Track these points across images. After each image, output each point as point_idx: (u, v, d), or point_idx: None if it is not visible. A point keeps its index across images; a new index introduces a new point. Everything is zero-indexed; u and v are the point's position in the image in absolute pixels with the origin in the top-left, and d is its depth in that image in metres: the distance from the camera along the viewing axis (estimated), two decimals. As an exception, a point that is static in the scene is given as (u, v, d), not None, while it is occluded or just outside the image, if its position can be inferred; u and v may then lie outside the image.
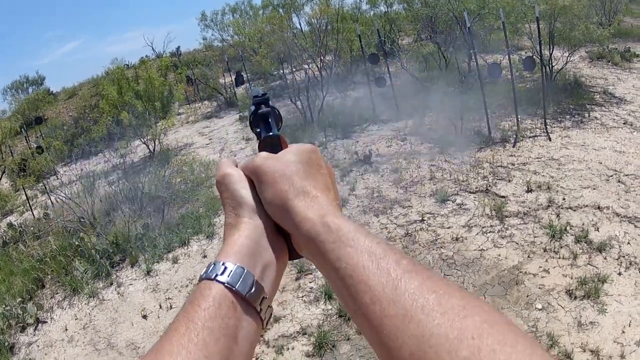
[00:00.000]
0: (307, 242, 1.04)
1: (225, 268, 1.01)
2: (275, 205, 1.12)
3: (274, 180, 1.13)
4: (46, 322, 11.05)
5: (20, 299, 11.94)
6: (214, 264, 1.04)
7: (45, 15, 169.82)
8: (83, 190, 16.93)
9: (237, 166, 1.26)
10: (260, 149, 1.28)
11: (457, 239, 9.93)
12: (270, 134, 1.32)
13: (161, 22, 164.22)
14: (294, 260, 1.17)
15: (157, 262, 12.19)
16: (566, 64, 19.63)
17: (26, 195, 20.58)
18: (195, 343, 0.91)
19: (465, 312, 0.80)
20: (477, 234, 10.04)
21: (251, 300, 1.01)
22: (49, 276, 12.87)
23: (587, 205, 10.50)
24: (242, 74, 29.64)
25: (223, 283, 0.99)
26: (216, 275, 1.00)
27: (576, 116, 16.19)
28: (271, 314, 1.07)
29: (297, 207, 1.08)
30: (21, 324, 11.09)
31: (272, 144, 1.29)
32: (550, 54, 19.21)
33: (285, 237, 1.15)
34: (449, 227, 10.47)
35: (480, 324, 0.78)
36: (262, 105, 1.37)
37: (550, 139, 14.41)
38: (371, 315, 0.87)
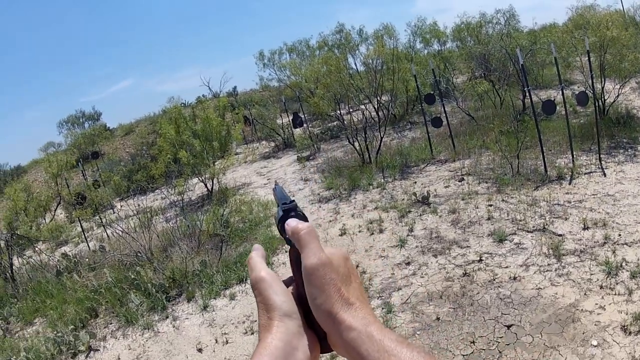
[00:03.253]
0: (350, 349, 1.13)
1: None
2: (322, 310, 1.19)
3: (325, 287, 1.20)
4: (98, 350, 11.39)
5: (72, 327, 12.26)
6: None
7: (98, 52, 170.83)
8: (140, 225, 17.24)
9: (264, 257, 1.38)
10: (291, 255, 1.36)
11: (514, 278, 10.06)
12: None
13: (216, 61, 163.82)
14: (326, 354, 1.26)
15: (214, 298, 12.44)
16: (618, 96, 19.62)
17: (82, 226, 21.19)
18: None
19: None
20: (534, 272, 10.16)
21: None
22: (103, 306, 13.23)
23: (642, 241, 10.57)
24: (300, 114, 29.80)
25: None
26: None
27: (629, 150, 16.24)
28: None
29: (343, 316, 1.16)
30: (72, 351, 11.40)
31: None
32: (602, 87, 19.21)
33: (317, 332, 1.23)
34: (506, 267, 10.60)
35: None
36: (291, 213, 1.40)
37: (605, 175, 14.49)
38: None
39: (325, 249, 1.30)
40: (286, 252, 12.57)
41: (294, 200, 1.44)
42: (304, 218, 1.40)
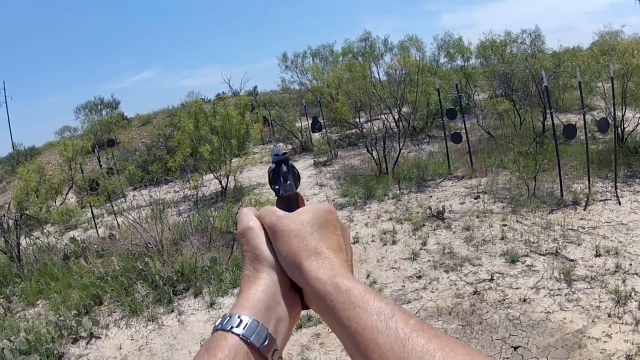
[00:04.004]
0: (317, 301, 1.12)
1: (241, 321, 1.09)
2: (288, 263, 1.19)
3: (288, 239, 1.21)
4: (100, 337, 11.38)
5: (75, 312, 12.30)
6: (230, 316, 1.11)
7: (122, 43, 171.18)
8: (152, 216, 17.30)
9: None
10: (278, 206, 1.38)
11: (524, 300, 10.09)
12: (288, 191, 1.41)
13: (238, 61, 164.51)
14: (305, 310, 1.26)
15: (222, 295, 12.41)
16: (637, 125, 19.58)
17: (92, 213, 21.22)
18: None
19: None
20: (544, 296, 10.19)
21: (264, 352, 1.08)
22: (108, 294, 13.23)
23: (652, 272, 10.57)
24: (319, 119, 29.74)
25: (239, 335, 1.07)
26: (232, 327, 1.08)
27: (646, 180, 16.18)
28: None
29: (309, 267, 1.15)
30: (73, 336, 11.41)
31: (289, 202, 1.39)
32: (623, 115, 19.18)
33: (298, 290, 1.22)
34: (517, 288, 10.62)
35: None
36: (282, 164, 1.45)
37: (620, 203, 14.50)
38: None
39: (310, 204, 1.35)
40: None
41: (286, 153, 1.47)
42: (296, 175, 1.48)
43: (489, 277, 11.25)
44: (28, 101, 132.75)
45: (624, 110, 19.40)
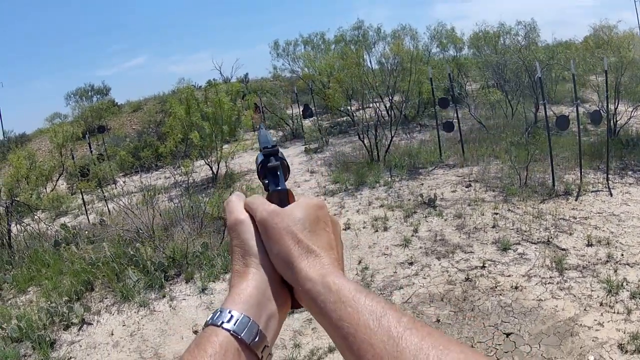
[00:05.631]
0: (309, 301, 1.11)
1: (232, 316, 1.08)
2: (279, 260, 1.18)
3: (280, 237, 1.19)
4: (92, 324, 11.29)
5: (67, 298, 12.25)
6: (221, 311, 1.10)
7: (113, 28, 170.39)
8: (143, 202, 17.27)
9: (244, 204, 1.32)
10: (268, 200, 1.32)
11: (516, 288, 10.12)
12: (279, 188, 1.35)
13: (229, 47, 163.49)
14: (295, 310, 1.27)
15: (213, 281, 12.35)
16: (630, 119, 19.68)
17: (83, 199, 21.05)
18: None
19: None
20: (536, 284, 10.22)
21: (254, 348, 1.07)
22: (100, 280, 13.11)
23: (644, 263, 10.60)
24: (310, 106, 29.69)
25: (229, 330, 1.06)
26: (222, 322, 1.07)
27: (637, 172, 16.28)
28: None
29: (300, 266, 1.14)
30: (65, 322, 11.31)
31: (279, 199, 1.33)
32: (615, 108, 19.21)
33: (289, 287, 1.20)
34: (509, 276, 10.65)
35: None
36: (272, 157, 1.40)
37: (611, 194, 14.54)
38: None
39: (298, 199, 1.32)
40: None
41: (276, 145, 1.43)
42: (286, 167, 1.43)
43: (481, 265, 11.26)
44: (19, 87, 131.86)
45: (616, 103, 19.45)
